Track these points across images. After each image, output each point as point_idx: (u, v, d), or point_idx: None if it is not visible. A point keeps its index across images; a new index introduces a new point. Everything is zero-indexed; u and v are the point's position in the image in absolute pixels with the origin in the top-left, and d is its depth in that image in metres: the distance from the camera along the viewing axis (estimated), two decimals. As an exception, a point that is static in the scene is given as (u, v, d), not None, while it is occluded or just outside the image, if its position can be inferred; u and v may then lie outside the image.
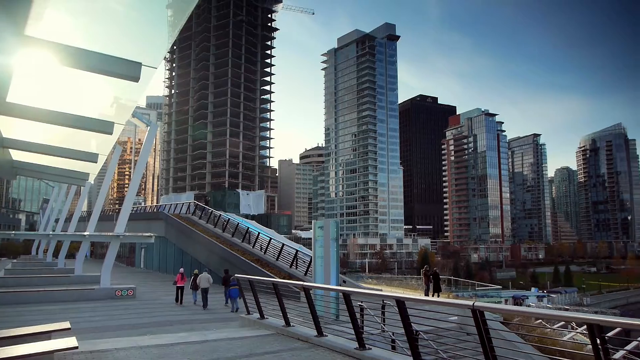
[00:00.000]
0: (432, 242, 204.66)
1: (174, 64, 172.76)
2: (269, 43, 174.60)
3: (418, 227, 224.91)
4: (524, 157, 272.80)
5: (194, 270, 27.21)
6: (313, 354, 10.45)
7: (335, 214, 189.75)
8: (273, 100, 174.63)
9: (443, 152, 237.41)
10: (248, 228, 39.70)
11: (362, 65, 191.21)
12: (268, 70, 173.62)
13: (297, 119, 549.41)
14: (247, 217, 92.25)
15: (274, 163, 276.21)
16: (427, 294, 25.86)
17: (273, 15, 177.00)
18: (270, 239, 35.02)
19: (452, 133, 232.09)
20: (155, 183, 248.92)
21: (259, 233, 37.38)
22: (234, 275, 17.57)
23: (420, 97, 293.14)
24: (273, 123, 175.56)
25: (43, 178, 24.13)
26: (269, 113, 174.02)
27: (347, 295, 10.07)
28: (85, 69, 7.06)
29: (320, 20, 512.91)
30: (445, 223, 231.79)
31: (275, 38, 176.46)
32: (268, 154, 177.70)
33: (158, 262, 50.18)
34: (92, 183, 18.87)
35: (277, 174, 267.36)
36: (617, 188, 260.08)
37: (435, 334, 11.81)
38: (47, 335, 9.78)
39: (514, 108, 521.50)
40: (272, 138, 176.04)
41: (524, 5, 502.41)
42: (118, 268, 50.25)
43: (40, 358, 8.56)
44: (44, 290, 26.22)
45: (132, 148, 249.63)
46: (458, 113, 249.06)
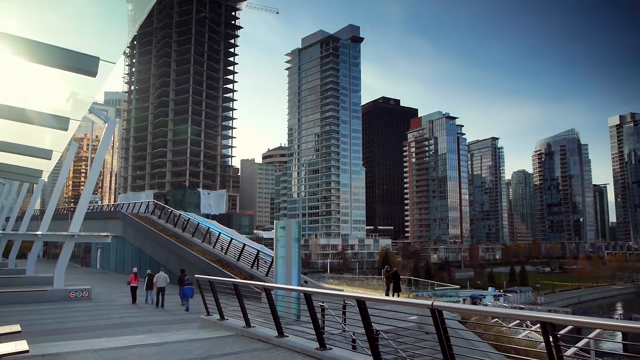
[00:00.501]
0: (393, 242, 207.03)
1: (134, 60, 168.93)
2: (233, 41, 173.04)
3: (379, 227, 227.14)
4: (483, 159, 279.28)
5: (147, 271, 26.74)
6: (273, 355, 10.39)
7: (298, 214, 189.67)
8: (236, 99, 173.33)
9: (405, 153, 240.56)
10: (209, 228, 39.19)
11: (326, 66, 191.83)
12: (231, 69, 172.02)
13: (260, 119, 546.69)
14: (208, 216, 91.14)
15: (236, 162, 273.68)
16: (387, 294, 26.09)
17: (237, 13, 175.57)
18: (232, 239, 34.66)
19: (413, 135, 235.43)
20: (113, 181, 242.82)
21: (220, 233, 36.94)
22: (195, 275, 17.32)
23: (383, 99, 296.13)
24: (236, 122, 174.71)
25: (-7, 175, 23.14)
26: (232, 112, 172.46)
27: (308, 296, 10.06)
28: (40, 63, 6.80)
29: (285, 20, 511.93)
30: (406, 224, 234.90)
31: (239, 36, 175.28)
32: (230, 153, 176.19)
33: (115, 262, 48.94)
34: (45, 180, 18.24)
35: (239, 174, 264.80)
36: (570, 191, 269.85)
37: (395, 334, 11.91)
38: (-5, 339, 9.40)
39: (474, 112, 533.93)
40: (234, 137, 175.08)
41: (485, 12, 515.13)
42: (72, 269, 48.72)
43: (-12, 363, 8.22)
44: (-7, 292, 25.17)
45: (89, 145, 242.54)
46: (420, 116, 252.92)
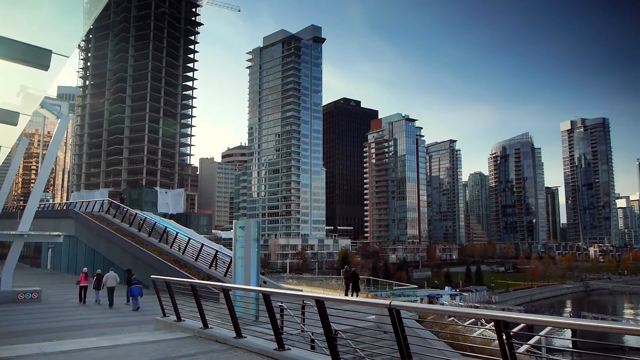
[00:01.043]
0: (352, 242, 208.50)
1: (89, 54, 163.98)
2: (193, 38, 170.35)
3: (339, 228, 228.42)
4: (441, 161, 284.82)
5: (97, 271, 26.14)
6: (231, 356, 10.29)
7: (257, 214, 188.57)
8: (195, 97, 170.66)
9: (365, 154, 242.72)
10: (166, 227, 38.49)
11: (287, 66, 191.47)
12: (191, 66, 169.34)
13: (220, 117, 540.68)
14: (165, 216, 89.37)
15: (195, 161, 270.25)
16: (346, 294, 26.25)
17: (197, 10, 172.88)
18: (189, 239, 34.14)
19: (373, 136, 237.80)
20: (66, 179, 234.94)
21: (177, 233, 36.32)
22: (151, 276, 16.95)
23: (344, 100, 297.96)
24: (195, 120, 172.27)
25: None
26: (191, 110, 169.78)
27: (267, 296, 10.00)
28: (-13, 54, 6.50)
29: (246, 18, 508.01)
30: (366, 224, 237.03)
31: (199, 33, 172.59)
32: (189, 152, 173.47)
33: (67, 263, 47.38)
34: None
35: (197, 172, 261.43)
36: (523, 193, 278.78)
37: (354, 333, 11.99)
38: None
39: (433, 114, 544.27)
40: (193, 135, 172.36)
41: (446, 17, 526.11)
42: (22, 270, 46.86)
43: None
44: None
45: (40, 141, 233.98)
46: (380, 117, 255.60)
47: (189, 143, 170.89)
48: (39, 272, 50.56)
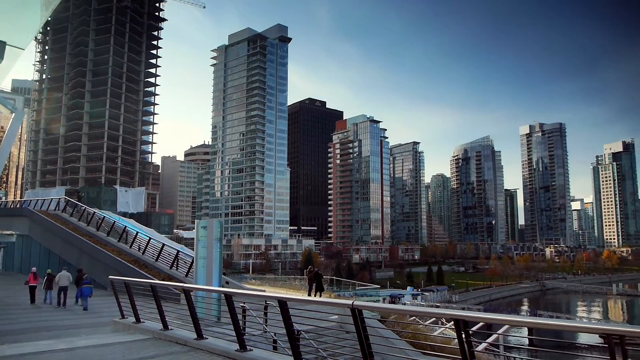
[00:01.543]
0: (316, 243, 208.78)
1: (47, 47, 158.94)
2: (156, 33, 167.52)
3: (303, 228, 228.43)
4: (404, 163, 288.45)
5: (47, 270, 25.42)
6: (192, 358, 10.15)
7: (220, 214, 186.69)
8: (158, 94, 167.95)
9: (329, 155, 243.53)
10: (125, 227, 37.63)
11: (252, 65, 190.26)
12: (154, 62, 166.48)
13: (183, 115, 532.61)
14: (125, 215, 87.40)
15: (157, 159, 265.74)
16: (309, 294, 26.24)
17: (161, 5, 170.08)
18: (150, 239, 33.45)
19: (338, 137, 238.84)
20: (20, 176, 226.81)
21: (138, 232, 35.55)
22: (109, 277, 16.53)
23: (309, 100, 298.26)
24: (157, 117, 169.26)
25: None
26: (153, 107, 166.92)
27: (229, 297, 9.92)
28: None
29: (211, 15, 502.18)
30: (330, 224, 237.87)
31: (163, 29, 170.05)
32: (150, 150, 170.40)
33: (20, 263, 45.65)
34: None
35: (159, 171, 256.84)
36: (484, 195, 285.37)
37: (316, 333, 11.98)
38: None
39: (397, 116, 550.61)
40: (155, 133, 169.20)
41: (411, 20, 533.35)
42: (-28, 270, 45.04)
43: None
44: None
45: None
46: (345, 118, 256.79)
47: (151, 141, 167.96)
48: (-10, 272, 48.61)
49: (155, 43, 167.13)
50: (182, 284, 13.05)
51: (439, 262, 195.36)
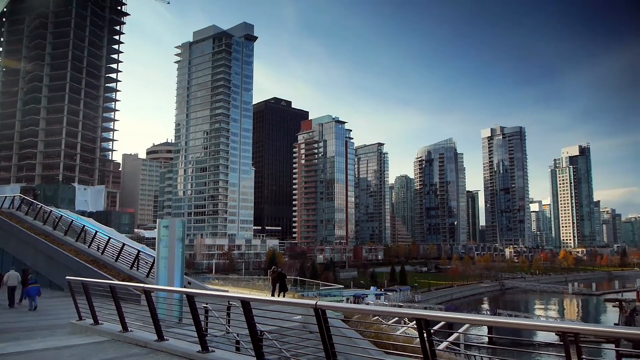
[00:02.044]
0: (280, 243, 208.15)
1: (2, 39, 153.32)
2: (118, 28, 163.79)
3: (267, 228, 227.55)
4: (369, 164, 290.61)
5: None
6: (152, 360, 9.96)
7: (183, 213, 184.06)
8: (119, 90, 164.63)
9: (294, 155, 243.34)
10: (84, 226, 36.58)
11: (217, 63, 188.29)
12: (115, 57, 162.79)
13: (146, 113, 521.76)
14: (83, 214, 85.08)
15: (118, 157, 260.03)
16: (273, 294, 26.16)
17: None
18: (109, 238, 32.65)
19: (303, 137, 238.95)
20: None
21: (97, 232, 34.64)
22: (66, 277, 16.05)
23: (275, 99, 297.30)
24: (118, 114, 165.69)
25: None
26: (114, 103, 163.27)
27: (190, 297, 9.81)
28: None
29: (176, 12, 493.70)
30: (294, 224, 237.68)
31: (125, 23, 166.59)
32: (111, 147, 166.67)
33: (-29, 263, 43.91)
34: None
35: (120, 169, 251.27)
36: (446, 196, 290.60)
37: (280, 334, 11.94)
38: None
39: (362, 117, 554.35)
40: (116, 130, 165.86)
41: (376, 22, 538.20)
42: None
43: None
44: None
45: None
46: (310, 118, 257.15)
47: (112, 138, 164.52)
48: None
49: (118, 38, 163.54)
50: (142, 285, 12.81)
51: (402, 262, 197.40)
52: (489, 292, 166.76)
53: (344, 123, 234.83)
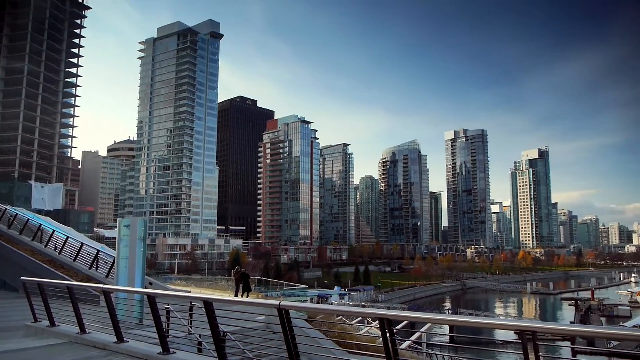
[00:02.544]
0: (244, 243, 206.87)
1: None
2: (79, 21, 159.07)
3: (231, 227, 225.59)
4: (334, 164, 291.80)
5: None
6: (111, 362, 9.73)
7: (145, 212, 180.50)
8: (80, 85, 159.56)
9: (259, 154, 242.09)
10: (40, 225, 35.45)
11: (182, 60, 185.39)
12: (76, 51, 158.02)
13: (108, 109, 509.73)
14: (40, 212, 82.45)
15: (77, 154, 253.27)
16: (236, 295, 25.98)
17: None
18: (67, 238, 31.75)
19: (269, 137, 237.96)
20: None
21: (54, 231, 33.63)
22: (21, 278, 15.51)
23: (240, 98, 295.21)
24: (79, 110, 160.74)
25: None
26: (74, 98, 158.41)
27: (151, 298, 9.66)
28: None
29: (140, 7, 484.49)
30: (258, 224, 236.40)
31: (87, 17, 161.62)
32: (70, 143, 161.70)
33: None
34: None
35: (79, 166, 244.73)
36: (410, 197, 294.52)
37: (243, 334, 11.87)
38: None
39: (328, 117, 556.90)
40: (75, 126, 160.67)
41: (343, 23, 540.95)
42: None
43: None
44: None
45: None
46: (276, 118, 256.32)
47: (71, 134, 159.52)
48: None
49: (79, 32, 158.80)
50: (101, 285, 12.51)
51: (366, 262, 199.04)
52: (451, 291, 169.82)
53: (310, 123, 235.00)
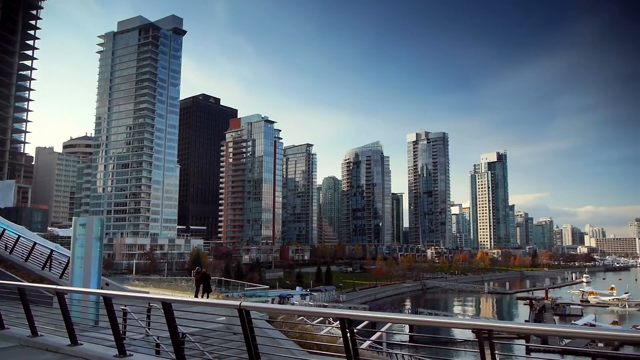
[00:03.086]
0: (205, 243, 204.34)
1: None
2: (35, 12, 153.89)
3: (192, 227, 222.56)
4: (297, 164, 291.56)
5: None
6: (64, 366, 9.41)
7: (102, 211, 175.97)
8: (34, 79, 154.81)
9: (222, 153, 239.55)
10: (-10, 223, 34.06)
11: (143, 55, 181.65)
12: (30, 44, 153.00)
13: (64, 104, 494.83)
14: (-9, 210, 79.38)
15: (31, 150, 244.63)
16: (197, 296, 25.61)
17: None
18: (19, 237, 30.59)
19: (232, 136, 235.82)
20: None
21: (4, 229, 32.36)
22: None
23: (203, 96, 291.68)
24: (32, 104, 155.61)
25: None
26: (28, 92, 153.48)
27: (108, 299, 9.40)
28: None
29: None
30: (220, 224, 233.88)
31: (43, 8, 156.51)
32: (23, 139, 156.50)
33: None
34: None
35: (33, 163, 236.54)
36: (372, 198, 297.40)
37: (203, 335, 11.70)
38: None
39: (292, 117, 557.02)
40: (29, 121, 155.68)
41: (308, 23, 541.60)
42: None
43: None
44: None
45: None
46: (239, 116, 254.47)
47: (24, 129, 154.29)
48: None
49: (34, 23, 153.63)
50: (55, 286, 12.07)
51: (328, 262, 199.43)
52: (411, 291, 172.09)
53: (273, 123, 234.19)
